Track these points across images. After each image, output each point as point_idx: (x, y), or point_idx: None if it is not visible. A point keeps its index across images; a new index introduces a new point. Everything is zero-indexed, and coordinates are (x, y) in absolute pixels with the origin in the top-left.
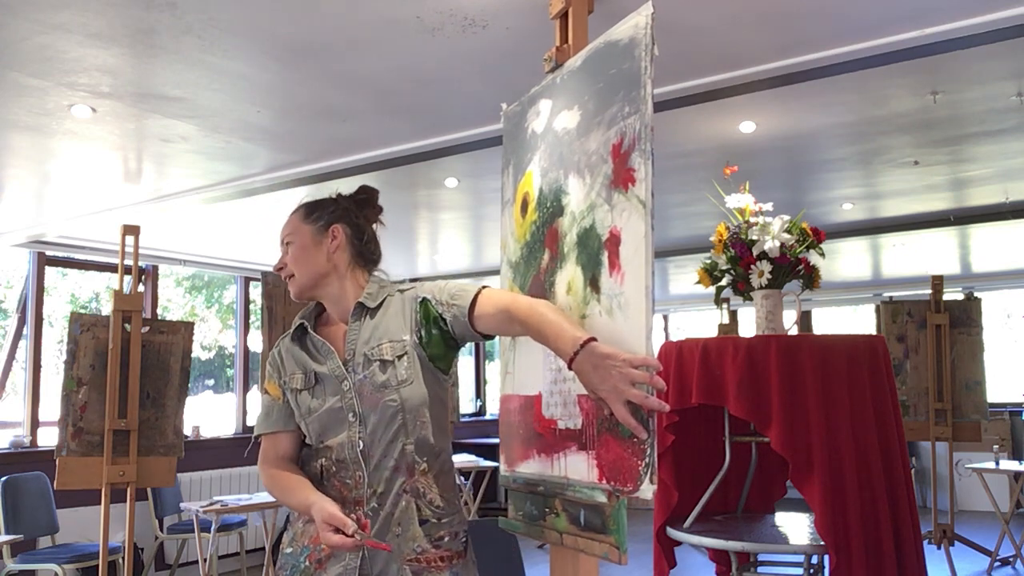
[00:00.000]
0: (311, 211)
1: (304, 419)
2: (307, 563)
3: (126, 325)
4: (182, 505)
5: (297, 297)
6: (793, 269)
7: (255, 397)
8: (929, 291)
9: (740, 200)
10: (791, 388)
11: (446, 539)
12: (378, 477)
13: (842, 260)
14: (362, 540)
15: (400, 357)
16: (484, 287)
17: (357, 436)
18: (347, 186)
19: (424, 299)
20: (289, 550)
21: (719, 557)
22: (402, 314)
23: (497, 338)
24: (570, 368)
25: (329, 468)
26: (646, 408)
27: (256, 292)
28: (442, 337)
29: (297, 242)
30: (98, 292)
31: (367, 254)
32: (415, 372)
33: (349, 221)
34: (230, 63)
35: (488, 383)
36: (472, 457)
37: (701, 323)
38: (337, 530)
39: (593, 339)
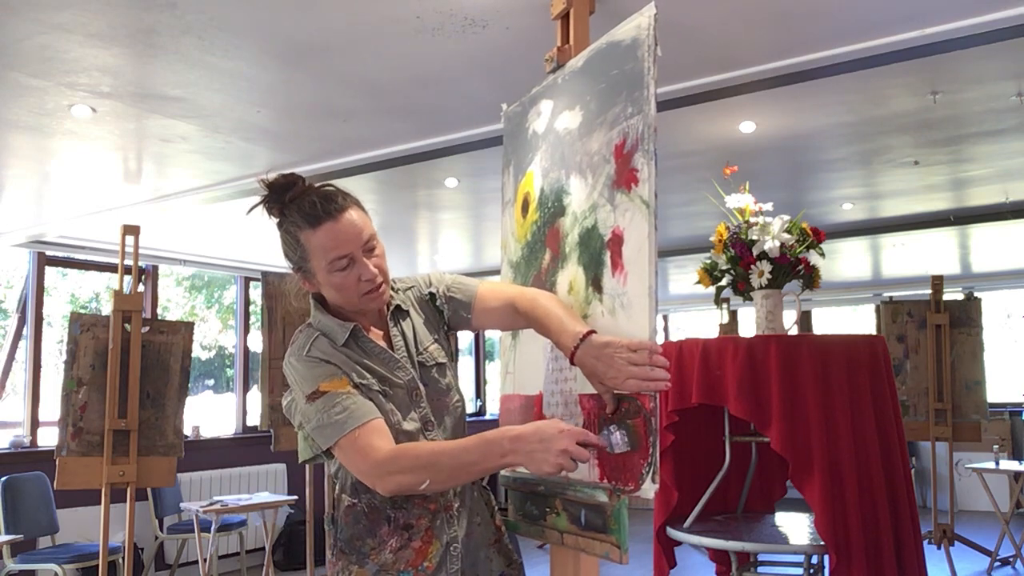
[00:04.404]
0: (359, 203)
1: (395, 428)
2: None
3: (126, 325)
4: (182, 505)
5: (379, 310)
6: (793, 269)
7: (255, 397)
8: (929, 291)
9: (740, 200)
10: (791, 388)
11: (496, 516)
12: None
13: (842, 260)
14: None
15: (447, 356)
16: (483, 281)
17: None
18: (347, 186)
19: (431, 294)
20: None
21: (719, 557)
22: (421, 313)
23: (498, 338)
24: (572, 363)
25: None
26: (652, 387)
27: (256, 292)
28: (448, 331)
29: (379, 244)
30: (98, 292)
31: None
32: (455, 370)
33: None
34: (230, 63)
35: (488, 383)
36: None
37: (701, 323)
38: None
39: (592, 332)
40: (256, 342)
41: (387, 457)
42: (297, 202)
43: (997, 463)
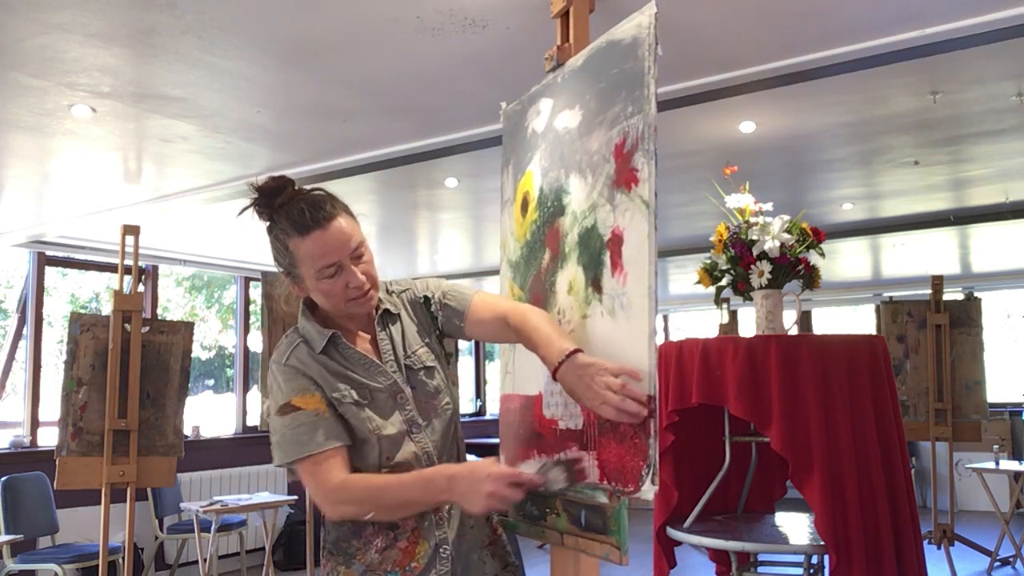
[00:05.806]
0: (348, 209)
1: (375, 434)
2: None
3: (126, 325)
4: (182, 505)
5: (368, 314)
6: (793, 269)
7: (255, 397)
8: (929, 291)
9: (740, 200)
10: (791, 388)
11: (493, 518)
12: None
13: (842, 260)
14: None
15: (437, 360)
16: (478, 291)
17: (430, 446)
18: (347, 186)
19: (426, 298)
20: None
21: (719, 557)
22: (413, 316)
23: None
24: (554, 378)
25: None
26: (625, 418)
27: (256, 292)
28: (441, 336)
29: (368, 250)
30: (98, 292)
31: None
32: (447, 371)
33: None
34: (230, 63)
35: (488, 383)
36: (472, 457)
37: (701, 323)
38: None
39: (579, 351)
40: (256, 342)
41: (336, 486)
42: (286, 208)
43: (997, 463)
